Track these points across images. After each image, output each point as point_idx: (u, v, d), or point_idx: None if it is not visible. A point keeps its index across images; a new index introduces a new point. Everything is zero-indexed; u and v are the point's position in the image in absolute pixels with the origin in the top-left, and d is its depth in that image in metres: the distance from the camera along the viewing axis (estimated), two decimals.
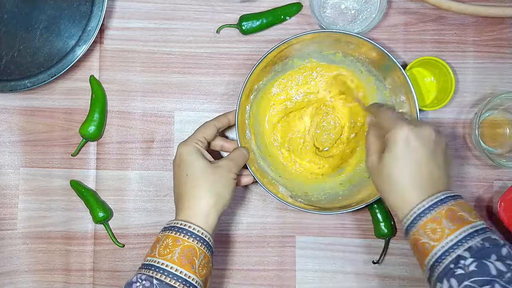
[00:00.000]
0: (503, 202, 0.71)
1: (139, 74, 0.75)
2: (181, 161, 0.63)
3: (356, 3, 0.74)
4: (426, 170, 0.57)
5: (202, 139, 0.65)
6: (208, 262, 0.59)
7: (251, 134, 0.72)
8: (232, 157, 0.65)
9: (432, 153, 0.57)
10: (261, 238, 0.75)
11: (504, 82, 0.75)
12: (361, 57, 0.70)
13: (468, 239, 0.53)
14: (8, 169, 0.75)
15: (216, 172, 0.62)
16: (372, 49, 0.67)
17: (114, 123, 0.75)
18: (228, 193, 0.63)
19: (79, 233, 0.74)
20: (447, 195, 0.56)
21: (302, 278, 0.74)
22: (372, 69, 0.71)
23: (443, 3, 0.71)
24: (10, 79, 0.70)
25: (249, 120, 0.72)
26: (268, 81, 0.73)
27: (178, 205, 0.62)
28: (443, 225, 0.54)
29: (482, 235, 0.53)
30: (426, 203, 0.55)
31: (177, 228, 0.59)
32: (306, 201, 0.70)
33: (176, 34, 0.75)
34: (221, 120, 0.68)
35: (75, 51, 0.70)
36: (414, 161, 0.57)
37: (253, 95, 0.72)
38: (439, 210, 0.54)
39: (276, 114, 0.74)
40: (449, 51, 0.75)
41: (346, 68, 0.73)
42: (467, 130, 0.75)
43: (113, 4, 0.75)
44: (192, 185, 0.62)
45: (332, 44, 0.70)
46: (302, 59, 0.72)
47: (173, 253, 0.57)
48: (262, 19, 0.74)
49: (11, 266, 0.74)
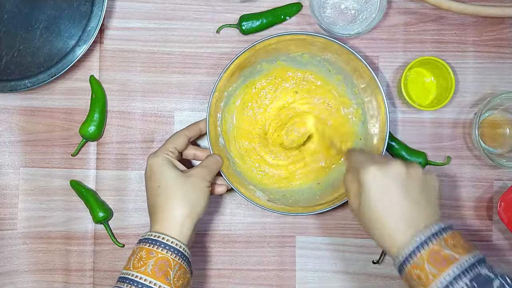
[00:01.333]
0: (503, 202, 0.71)
1: (139, 74, 0.75)
2: (152, 173, 0.63)
3: (356, 3, 0.74)
4: (404, 209, 0.55)
5: (172, 149, 0.65)
6: (184, 272, 0.59)
7: (225, 141, 0.72)
8: (205, 164, 0.65)
9: (405, 189, 0.55)
10: (261, 238, 0.75)
11: (504, 82, 0.75)
12: (328, 56, 0.70)
13: (454, 284, 0.51)
14: (8, 169, 0.75)
15: (189, 181, 0.62)
16: (338, 48, 0.68)
17: (114, 123, 0.75)
18: (203, 201, 0.62)
19: (79, 233, 0.75)
20: (430, 234, 0.53)
21: (302, 278, 0.74)
22: (340, 68, 0.71)
23: (443, 3, 0.71)
24: (10, 79, 0.70)
25: (221, 127, 0.72)
26: (238, 87, 0.72)
27: (152, 217, 0.62)
28: (426, 271, 0.52)
29: (470, 274, 0.51)
30: (407, 249, 0.53)
31: (151, 240, 0.59)
32: (284, 204, 0.70)
33: (176, 34, 0.75)
34: (192, 129, 0.68)
35: (75, 51, 0.70)
36: (388, 201, 0.55)
37: (223, 101, 0.71)
38: (420, 255, 0.53)
39: (247, 119, 0.74)
40: (449, 51, 0.75)
41: (314, 69, 0.73)
42: (467, 130, 0.75)
43: (113, 4, 0.75)
44: (165, 197, 0.61)
45: (298, 45, 0.70)
46: (270, 62, 0.72)
47: (146, 266, 0.57)
48: (262, 19, 0.74)
49: (11, 266, 0.74)
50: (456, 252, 0.52)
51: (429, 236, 0.53)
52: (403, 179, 0.56)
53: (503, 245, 0.75)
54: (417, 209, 0.55)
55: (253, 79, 0.73)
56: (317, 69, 0.73)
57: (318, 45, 0.69)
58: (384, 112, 0.68)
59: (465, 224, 0.75)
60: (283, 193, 0.73)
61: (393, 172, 0.56)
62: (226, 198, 0.75)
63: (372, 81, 0.68)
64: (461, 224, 0.75)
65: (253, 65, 0.71)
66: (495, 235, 0.75)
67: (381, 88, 0.68)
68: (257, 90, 0.73)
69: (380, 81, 0.74)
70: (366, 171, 0.56)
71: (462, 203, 0.75)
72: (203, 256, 0.75)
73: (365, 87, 0.70)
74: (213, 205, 0.75)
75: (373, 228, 0.56)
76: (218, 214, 0.75)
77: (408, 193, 0.55)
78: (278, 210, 0.69)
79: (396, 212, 0.55)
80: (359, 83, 0.71)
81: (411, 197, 0.55)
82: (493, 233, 0.75)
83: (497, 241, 0.75)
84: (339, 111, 0.73)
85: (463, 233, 0.53)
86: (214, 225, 0.75)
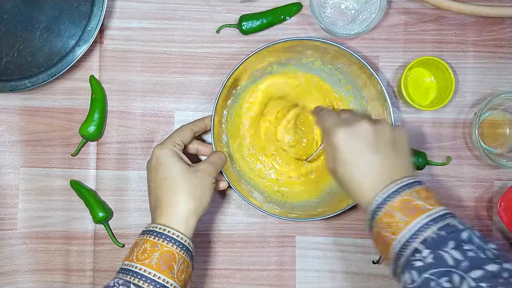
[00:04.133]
0: (503, 202, 0.71)
1: (139, 74, 0.75)
2: (158, 164, 0.62)
3: (356, 3, 0.74)
4: (374, 164, 0.57)
5: (179, 141, 0.64)
6: (187, 266, 0.59)
7: (228, 138, 0.72)
8: (212, 161, 0.65)
9: (374, 145, 0.57)
10: (261, 238, 0.75)
11: (504, 82, 0.75)
12: (339, 65, 0.70)
13: (423, 231, 0.52)
14: (8, 169, 0.75)
15: (196, 176, 0.62)
16: (350, 58, 0.68)
17: (114, 123, 0.75)
18: (208, 197, 0.62)
19: (79, 233, 0.75)
20: (402, 184, 0.55)
21: (302, 278, 0.74)
22: (350, 78, 0.71)
23: (443, 3, 0.71)
24: (10, 79, 0.70)
25: (226, 125, 0.72)
26: (246, 87, 0.73)
27: (156, 210, 0.61)
28: (397, 219, 0.53)
29: (439, 223, 0.52)
30: (379, 197, 0.55)
31: (156, 233, 0.58)
32: (281, 207, 0.71)
33: (176, 34, 0.75)
34: (198, 124, 0.68)
35: (75, 51, 0.70)
36: (358, 159, 0.57)
37: (231, 99, 0.71)
38: (391, 204, 0.54)
39: (253, 119, 0.74)
40: (449, 51, 0.75)
41: (324, 77, 0.73)
42: (467, 130, 0.75)
43: (113, 4, 0.75)
44: (172, 190, 0.61)
45: (311, 52, 0.70)
46: (281, 65, 0.72)
47: (151, 258, 0.56)
48: (262, 19, 0.74)
49: (11, 266, 0.74)
50: (428, 203, 0.54)
51: (402, 186, 0.55)
52: (371, 136, 0.58)
53: (503, 245, 0.75)
54: (388, 163, 0.57)
55: (262, 80, 0.73)
56: (327, 77, 0.73)
57: (332, 54, 0.69)
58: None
59: None
60: (280, 197, 0.73)
61: (360, 131, 0.58)
62: (227, 199, 0.75)
63: (381, 94, 0.68)
64: None
65: (264, 67, 0.71)
66: (495, 235, 0.75)
67: (389, 103, 0.67)
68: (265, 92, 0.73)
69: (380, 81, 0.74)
70: (335, 133, 0.59)
71: (462, 203, 0.75)
72: (204, 256, 0.75)
73: (374, 100, 0.70)
74: (214, 205, 0.75)
75: (348, 186, 0.58)
76: (218, 214, 0.75)
77: (377, 149, 0.57)
78: (273, 213, 0.69)
79: (367, 167, 0.57)
80: (368, 95, 0.70)
81: (381, 152, 0.57)
82: (493, 233, 0.75)
83: (497, 241, 0.75)
84: None
85: None
86: (214, 225, 0.75)
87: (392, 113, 0.67)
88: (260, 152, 0.74)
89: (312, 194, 0.73)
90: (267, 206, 0.70)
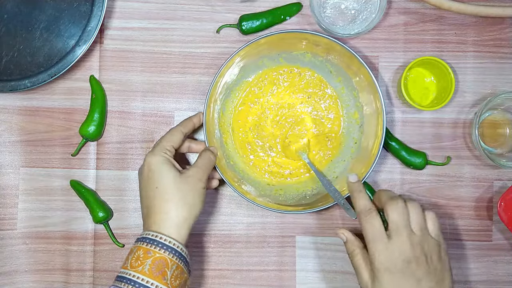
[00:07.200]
0: (503, 202, 0.71)
1: (139, 74, 0.75)
2: (150, 172, 0.63)
3: (356, 3, 0.74)
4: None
5: (170, 148, 0.65)
6: (181, 272, 0.59)
7: (221, 133, 0.72)
8: (200, 165, 0.65)
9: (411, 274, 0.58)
10: (261, 238, 0.75)
11: (504, 82, 0.75)
12: (330, 57, 0.70)
13: None
14: (8, 169, 0.75)
15: (187, 182, 0.62)
16: (340, 49, 0.68)
17: (114, 123, 0.75)
18: (200, 202, 0.63)
19: (79, 233, 0.75)
20: None
21: (302, 278, 0.74)
22: (341, 70, 0.71)
23: (443, 3, 0.71)
24: (10, 79, 0.70)
25: (219, 120, 0.72)
26: (238, 81, 0.73)
27: (148, 218, 0.62)
28: None
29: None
30: None
31: (148, 240, 0.59)
32: (275, 201, 0.70)
33: (176, 34, 0.75)
34: (186, 125, 0.68)
35: (75, 51, 0.70)
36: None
37: (223, 94, 0.71)
38: None
39: (245, 113, 0.74)
40: (449, 51, 0.75)
41: (315, 69, 0.73)
42: (467, 130, 0.75)
43: (113, 4, 0.75)
44: (163, 198, 0.61)
45: (303, 44, 0.70)
46: (272, 59, 0.72)
47: (144, 265, 0.57)
48: (262, 19, 0.74)
49: (11, 266, 0.74)
50: None
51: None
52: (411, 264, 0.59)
53: (503, 245, 0.75)
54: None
55: (254, 75, 0.73)
56: (318, 70, 0.73)
57: (322, 46, 0.69)
58: (382, 116, 0.68)
59: (465, 224, 0.75)
60: (274, 190, 0.72)
61: (397, 256, 0.59)
62: (226, 198, 0.75)
63: (371, 85, 0.68)
64: (461, 224, 0.75)
65: (255, 60, 0.71)
66: (495, 235, 0.75)
67: (380, 93, 0.67)
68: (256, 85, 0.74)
69: (380, 81, 0.74)
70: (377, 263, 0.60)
71: (462, 203, 0.75)
72: (203, 256, 0.75)
73: (364, 90, 0.70)
74: (213, 205, 0.75)
75: None
76: (218, 214, 0.75)
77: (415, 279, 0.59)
78: (267, 207, 0.68)
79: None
80: (359, 85, 0.71)
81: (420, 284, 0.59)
82: (493, 233, 0.75)
83: (497, 241, 0.75)
84: (337, 112, 0.73)
85: (463, 233, 0.53)
86: (214, 225, 0.75)
87: (384, 104, 0.67)
88: (253, 146, 0.74)
89: (307, 187, 0.73)
90: (260, 200, 0.69)
